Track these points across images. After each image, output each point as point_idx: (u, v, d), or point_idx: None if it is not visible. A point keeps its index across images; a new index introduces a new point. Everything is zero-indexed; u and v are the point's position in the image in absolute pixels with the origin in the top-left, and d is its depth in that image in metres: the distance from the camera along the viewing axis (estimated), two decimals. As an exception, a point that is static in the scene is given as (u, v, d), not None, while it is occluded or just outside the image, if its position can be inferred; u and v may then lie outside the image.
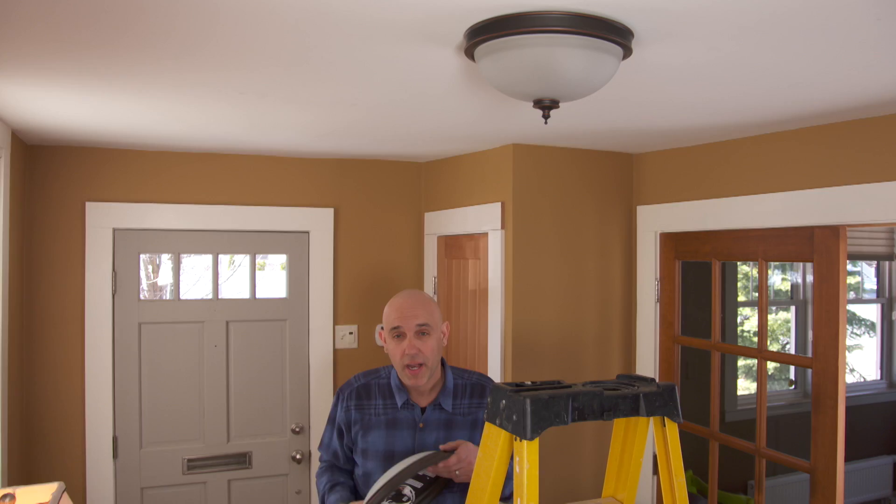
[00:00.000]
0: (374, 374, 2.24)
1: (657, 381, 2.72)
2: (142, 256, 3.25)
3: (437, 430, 2.13)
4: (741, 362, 5.36)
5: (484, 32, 1.40)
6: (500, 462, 1.35)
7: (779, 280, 5.92)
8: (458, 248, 3.42)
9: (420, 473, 2.01)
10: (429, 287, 3.62)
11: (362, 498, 2.14)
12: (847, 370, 2.66)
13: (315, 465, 3.43)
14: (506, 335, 2.94)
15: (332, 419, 2.26)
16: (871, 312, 6.08)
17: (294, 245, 3.46)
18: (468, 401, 2.19)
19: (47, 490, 1.67)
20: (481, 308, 3.21)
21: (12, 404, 2.71)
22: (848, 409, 2.43)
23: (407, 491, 2.01)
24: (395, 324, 2.10)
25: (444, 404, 2.15)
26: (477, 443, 2.13)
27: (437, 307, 2.19)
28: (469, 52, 1.51)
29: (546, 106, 1.52)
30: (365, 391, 2.19)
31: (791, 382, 5.69)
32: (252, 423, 3.38)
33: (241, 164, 3.33)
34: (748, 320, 6.04)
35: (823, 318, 2.41)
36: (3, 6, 1.33)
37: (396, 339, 2.11)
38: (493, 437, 1.36)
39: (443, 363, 2.21)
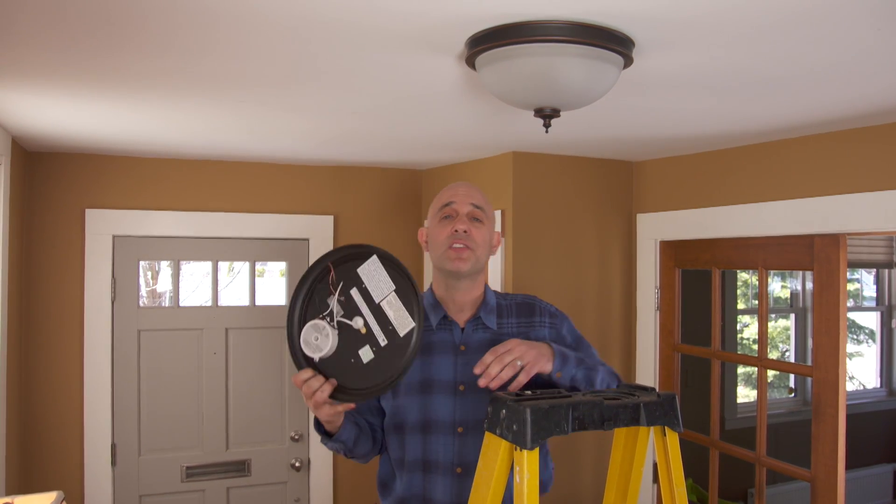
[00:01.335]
0: None
1: (657, 389, 2.72)
2: (141, 263, 3.24)
3: (481, 353, 1.69)
4: (741, 370, 5.36)
5: (485, 41, 1.40)
6: (500, 472, 1.35)
7: (778, 287, 5.92)
8: (458, 256, 3.41)
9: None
10: (428, 294, 3.61)
11: (373, 438, 1.82)
12: (847, 378, 2.65)
13: (315, 471, 3.42)
14: (505, 343, 2.93)
15: None
16: (871, 320, 6.08)
17: (294, 252, 3.46)
18: (516, 320, 1.85)
19: (46, 499, 1.67)
20: (481, 315, 3.21)
21: (11, 411, 2.71)
22: (848, 417, 2.43)
23: (360, 324, 1.56)
24: (446, 201, 1.79)
25: (488, 321, 1.81)
26: None
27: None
28: (470, 61, 1.51)
29: (547, 115, 1.52)
30: None
31: (791, 390, 5.68)
32: (251, 431, 3.37)
33: (240, 172, 3.33)
34: (748, 328, 6.03)
35: (824, 326, 2.41)
36: (6, 15, 1.33)
37: (444, 221, 1.78)
38: (494, 446, 1.36)
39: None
